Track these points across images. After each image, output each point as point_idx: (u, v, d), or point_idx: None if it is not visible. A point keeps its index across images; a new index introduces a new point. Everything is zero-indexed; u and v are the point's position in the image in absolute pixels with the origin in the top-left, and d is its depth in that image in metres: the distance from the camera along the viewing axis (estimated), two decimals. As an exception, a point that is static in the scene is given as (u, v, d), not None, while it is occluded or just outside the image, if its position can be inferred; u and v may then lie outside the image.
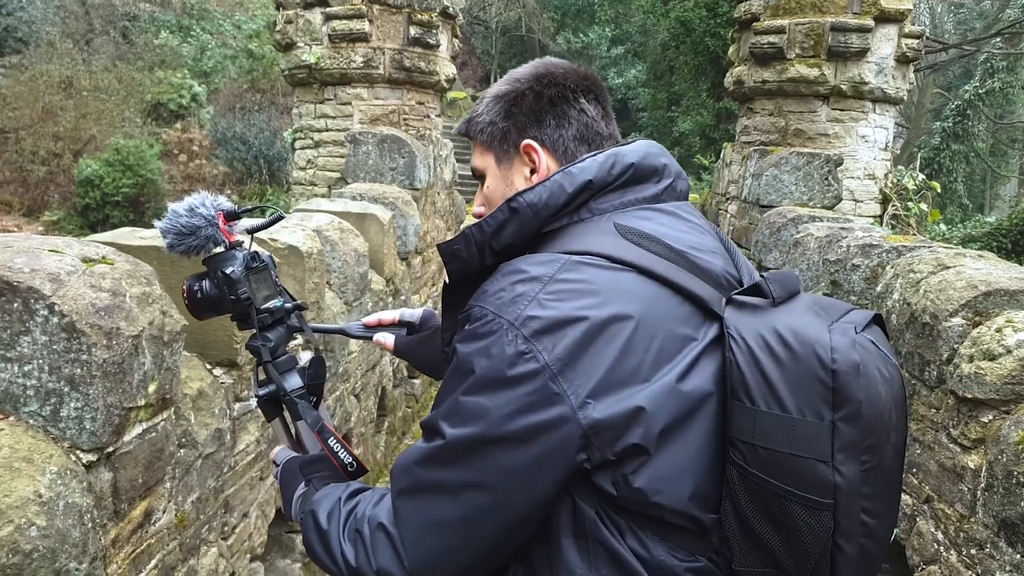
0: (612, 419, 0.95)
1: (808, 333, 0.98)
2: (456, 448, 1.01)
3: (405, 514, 1.06)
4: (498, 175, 1.26)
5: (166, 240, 1.42)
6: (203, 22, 25.93)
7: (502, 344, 0.98)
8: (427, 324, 1.60)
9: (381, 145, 6.16)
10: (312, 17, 6.59)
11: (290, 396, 1.45)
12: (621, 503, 0.99)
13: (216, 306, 1.47)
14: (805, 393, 0.95)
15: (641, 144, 1.21)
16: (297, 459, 1.41)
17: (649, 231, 1.11)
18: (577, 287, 1.01)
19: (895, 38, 6.41)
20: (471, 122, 1.30)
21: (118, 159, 17.58)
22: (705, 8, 17.67)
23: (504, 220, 1.12)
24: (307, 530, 1.21)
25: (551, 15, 35.18)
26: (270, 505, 3.14)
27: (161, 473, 2.17)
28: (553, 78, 1.24)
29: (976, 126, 24.05)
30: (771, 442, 0.95)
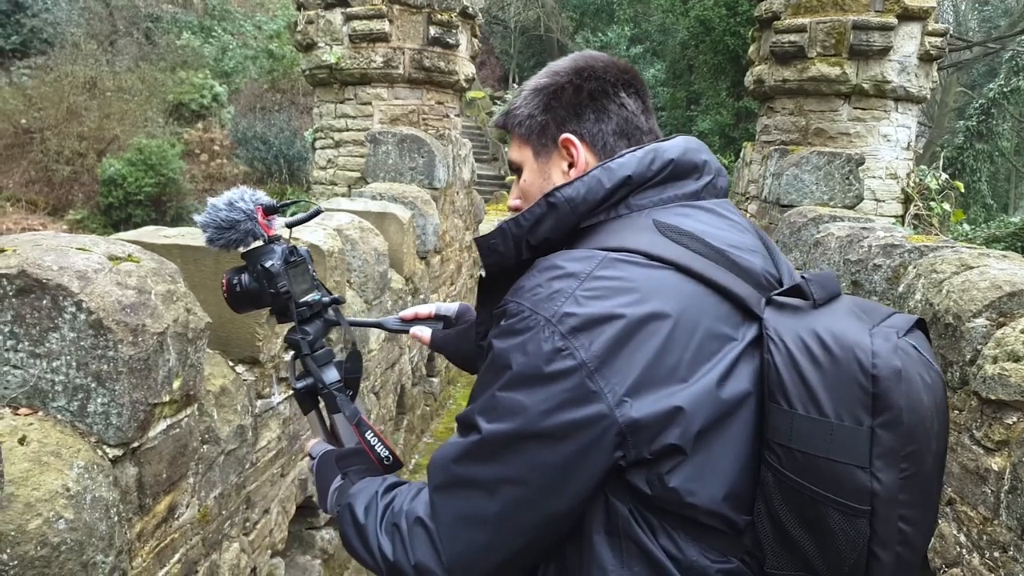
0: (650, 418, 0.95)
1: (849, 337, 0.97)
2: (492, 443, 1.01)
3: (442, 509, 1.06)
4: (535, 169, 1.25)
5: (206, 234, 1.44)
6: (224, 23, 26.17)
7: (539, 340, 0.98)
8: (463, 318, 1.61)
9: (401, 145, 6.19)
10: (332, 17, 6.63)
11: (328, 389, 1.46)
12: (655, 502, 0.98)
13: (255, 299, 1.48)
14: (844, 397, 0.94)
15: (681, 140, 1.20)
16: (333, 452, 1.42)
17: (689, 228, 1.09)
18: (614, 284, 1.00)
19: (918, 36, 6.35)
20: (509, 115, 1.28)
21: (140, 159, 17.79)
22: (725, 7, 17.59)
23: (541, 215, 1.11)
24: (344, 523, 1.22)
25: (570, 14, 35.13)
26: (291, 501, 3.17)
27: (185, 469, 2.19)
28: (593, 72, 1.23)
29: (1001, 125, 23.73)
30: (808, 446, 0.94)
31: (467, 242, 7.93)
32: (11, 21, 20.49)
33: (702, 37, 18.79)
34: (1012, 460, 2.31)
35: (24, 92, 19.25)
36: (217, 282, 2.61)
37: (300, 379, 1.50)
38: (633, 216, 1.12)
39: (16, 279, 1.74)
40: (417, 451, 5.47)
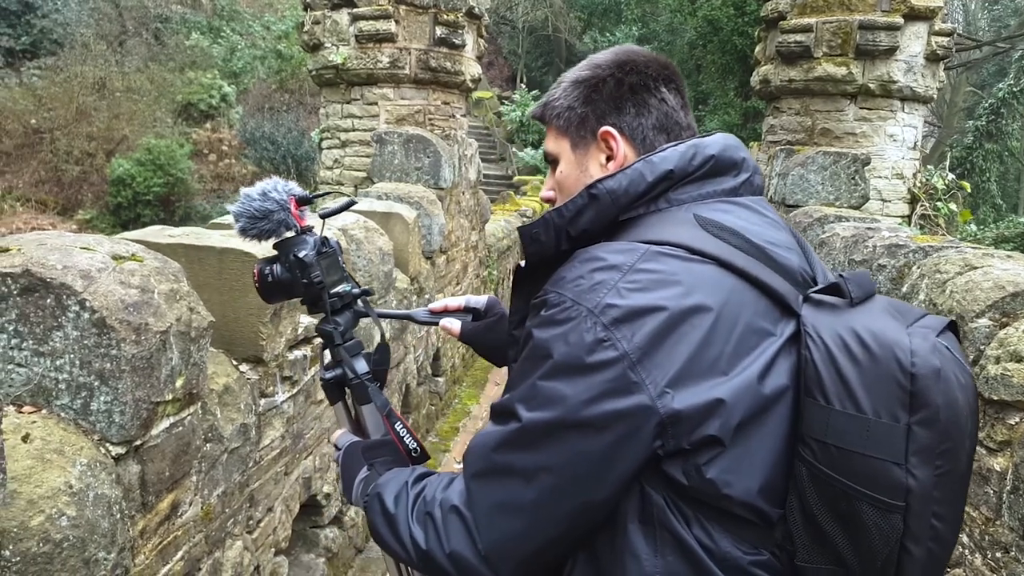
0: (691, 410, 0.96)
1: (888, 335, 0.98)
2: (532, 432, 1.02)
3: (478, 497, 1.07)
4: (573, 160, 1.25)
5: (239, 224, 1.45)
6: (233, 23, 26.27)
7: (581, 331, 0.99)
8: (492, 311, 1.61)
9: (407, 145, 6.21)
10: (339, 18, 6.65)
11: (360, 380, 1.47)
12: (691, 493, 0.99)
13: (287, 289, 1.49)
14: (881, 395, 0.95)
15: (720, 137, 1.21)
16: (359, 443, 1.43)
17: (729, 224, 1.10)
18: (657, 277, 1.01)
19: (925, 36, 6.32)
20: (547, 106, 1.28)
21: (149, 159, 17.89)
22: (733, 7, 17.54)
23: (583, 206, 1.12)
24: (372, 513, 1.22)
25: (578, 14, 35.12)
26: (295, 500, 3.18)
27: (188, 467, 2.21)
28: (635, 66, 1.23)
29: (1010, 125, 23.59)
30: (844, 441, 0.95)
31: (473, 242, 7.94)
32: (21, 22, 20.63)
33: (710, 37, 18.75)
34: (1014, 460, 2.31)
35: (34, 92, 19.38)
36: (221, 281, 2.65)
37: (329, 369, 1.51)
38: (673, 210, 1.12)
39: (20, 278, 1.76)
40: (422, 450, 5.49)
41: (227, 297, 2.65)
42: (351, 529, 3.92)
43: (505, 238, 10.49)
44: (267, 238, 1.46)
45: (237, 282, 2.65)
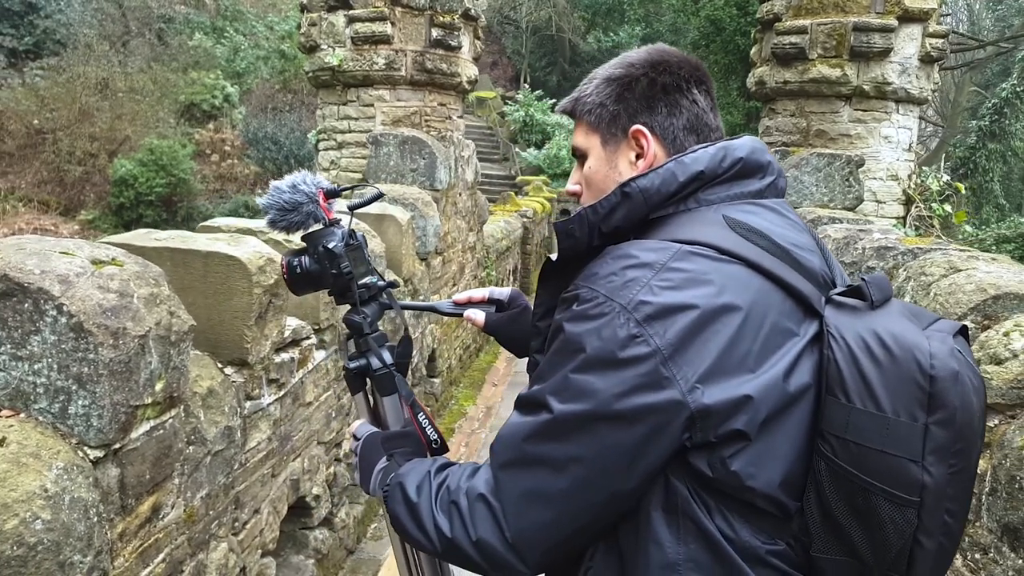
0: (720, 405, 0.99)
1: (908, 338, 1.02)
2: (564, 423, 1.04)
3: (507, 486, 1.09)
4: (602, 157, 1.27)
5: (268, 216, 1.47)
6: (236, 23, 26.33)
7: (614, 327, 1.02)
8: (515, 303, 1.63)
9: (402, 146, 6.22)
10: (335, 20, 6.67)
11: (388, 370, 1.50)
12: (714, 484, 1.03)
13: (316, 281, 1.50)
14: (901, 395, 0.99)
15: (748, 139, 1.23)
16: (379, 434, 1.45)
17: (756, 226, 1.13)
18: (689, 276, 1.04)
19: (919, 38, 6.32)
20: (578, 101, 1.30)
21: (152, 159, 17.94)
22: (735, 7, 17.52)
23: (616, 204, 1.14)
24: (394, 503, 1.24)
25: (581, 14, 35.11)
26: (282, 502, 3.20)
27: (169, 469, 2.23)
28: (668, 66, 1.24)
29: (1013, 124, 23.51)
30: (864, 438, 0.99)
31: (470, 243, 7.95)
32: (24, 22, 20.71)
33: (713, 37, 18.74)
34: (993, 463, 2.31)
35: (37, 93, 19.46)
36: (206, 284, 2.67)
37: (353, 359, 1.53)
38: (702, 210, 1.15)
39: (-2, 283, 1.77)
40: (416, 451, 5.50)
41: (212, 300, 2.67)
42: (342, 530, 3.94)
43: (504, 239, 10.49)
44: (295, 230, 1.48)
45: (222, 285, 2.66)
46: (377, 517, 4.54)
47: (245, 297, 2.67)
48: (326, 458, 3.70)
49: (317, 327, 3.46)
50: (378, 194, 1.65)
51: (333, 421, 3.75)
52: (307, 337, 3.35)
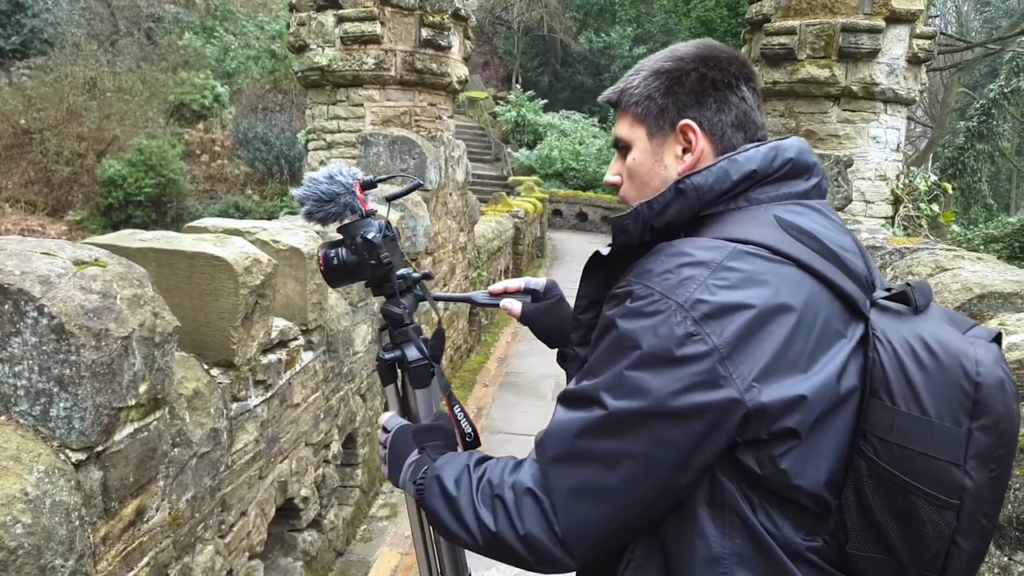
0: (775, 404, 1.00)
1: (954, 345, 1.04)
2: (618, 420, 1.05)
3: (557, 481, 1.09)
4: (648, 150, 1.26)
5: (305, 207, 1.47)
6: (226, 23, 26.23)
7: (671, 324, 1.02)
8: (550, 293, 1.62)
9: (392, 147, 6.20)
10: (324, 19, 6.64)
11: (428, 361, 1.50)
12: (761, 482, 1.04)
13: (354, 272, 1.50)
14: (946, 400, 1.01)
15: (796, 140, 1.23)
16: (409, 426, 1.45)
17: (805, 227, 1.13)
18: (744, 276, 1.04)
19: (906, 39, 6.35)
20: (624, 92, 1.29)
21: (141, 159, 17.85)
22: (726, 8, 17.60)
23: (670, 200, 1.15)
24: (430, 496, 1.24)
25: (573, 15, 35.16)
26: (270, 504, 3.18)
27: (154, 472, 2.21)
28: (718, 61, 1.24)
29: (1001, 125, 23.70)
30: (907, 441, 1.01)
31: (461, 243, 7.93)
32: (11, 21, 20.56)
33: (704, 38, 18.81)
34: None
35: (24, 92, 19.32)
36: (192, 285, 2.65)
37: (388, 351, 1.53)
38: (752, 209, 1.15)
39: (-23, 284, 1.75)
40: (406, 452, 5.48)
41: (198, 301, 2.65)
42: (331, 532, 3.92)
43: (495, 239, 10.47)
44: (332, 221, 1.48)
45: (208, 286, 2.64)
46: (367, 519, 4.52)
47: (231, 298, 2.65)
48: (314, 460, 3.69)
49: (305, 328, 3.45)
50: (416, 183, 1.66)
51: (321, 423, 3.74)
52: (295, 338, 3.33)
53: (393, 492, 4.87)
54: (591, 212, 22.67)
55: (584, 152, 25.50)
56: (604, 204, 22.65)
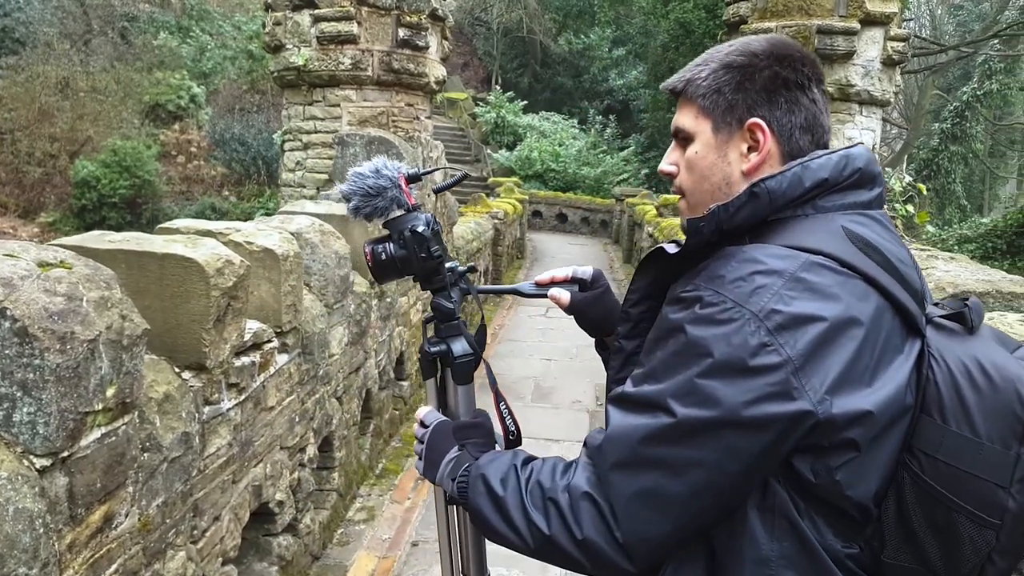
0: (843, 416, 1.00)
1: (1011, 370, 1.05)
2: (688, 428, 1.04)
3: (620, 487, 1.08)
4: (712, 144, 1.23)
5: (351, 202, 1.45)
6: (203, 23, 25.99)
7: (744, 334, 1.01)
8: (598, 283, 1.60)
9: (369, 147, 6.16)
10: (300, 19, 6.59)
11: (473, 357, 1.49)
12: (813, 489, 1.05)
13: (403, 266, 1.48)
14: (998, 423, 1.02)
15: (863, 149, 1.22)
16: (449, 423, 1.44)
17: (870, 239, 1.13)
18: (816, 287, 1.04)
19: (881, 41, 6.41)
20: (690, 82, 1.25)
21: (115, 160, 17.63)
22: (704, 10, 17.71)
23: (744, 203, 1.13)
24: (475, 495, 1.23)
25: (552, 16, 35.19)
26: (244, 508, 3.14)
27: (122, 477, 2.16)
28: (792, 61, 1.22)
29: (974, 127, 24.05)
30: (955, 460, 1.02)
31: (439, 244, 7.90)
32: (-17, 21, 20.24)
33: (682, 39, 18.91)
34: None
35: (-4, 92, 19.02)
36: (162, 287, 2.60)
37: (434, 344, 1.51)
38: (819, 218, 1.14)
39: (-64, 287, 1.71)
40: (385, 455, 5.44)
41: (168, 303, 2.61)
42: (306, 536, 3.88)
43: (475, 240, 10.45)
44: (379, 216, 1.46)
45: (179, 288, 2.60)
46: (344, 523, 4.48)
47: (203, 300, 2.61)
48: (290, 463, 3.64)
49: (279, 330, 3.41)
50: (463, 175, 1.66)
51: (297, 426, 3.69)
52: (269, 340, 3.29)
53: (370, 495, 4.83)
54: (571, 213, 22.69)
55: (564, 153, 25.52)
56: (584, 205, 22.69)
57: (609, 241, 20.91)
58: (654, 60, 24.33)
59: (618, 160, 26.34)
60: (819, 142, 1.23)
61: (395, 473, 5.19)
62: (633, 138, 28.44)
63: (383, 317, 5.39)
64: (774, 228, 1.14)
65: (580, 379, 7.61)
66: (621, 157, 26.70)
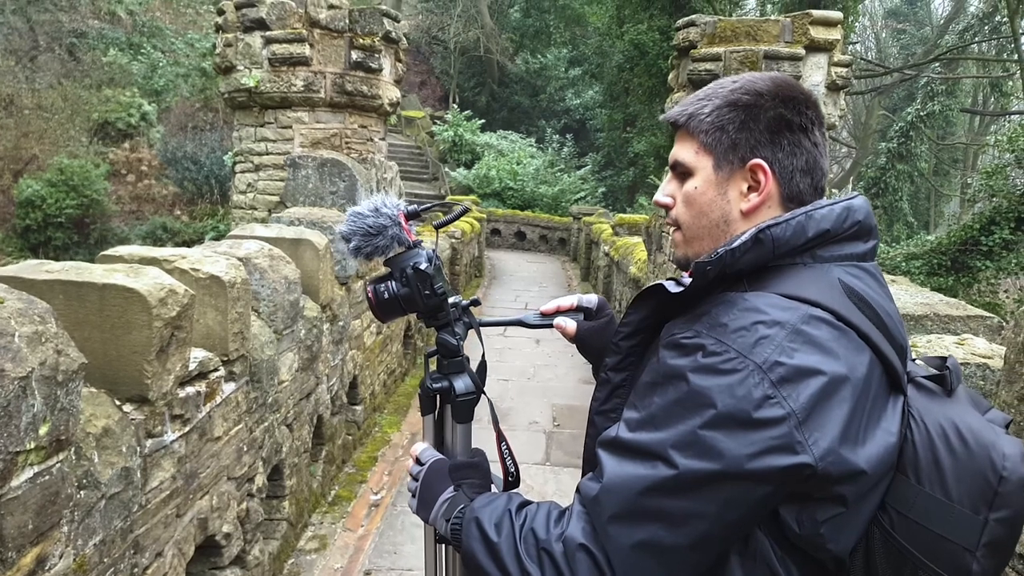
0: (839, 473, 1.01)
1: (985, 436, 1.08)
2: (690, 480, 1.02)
3: (619, 538, 1.06)
4: (712, 181, 1.23)
5: (352, 243, 1.43)
6: (155, 39, 25.61)
7: (748, 386, 1.00)
8: (602, 312, 1.58)
9: (321, 169, 6.12)
10: (252, 41, 6.53)
11: (476, 396, 1.47)
12: (794, 539, 1.05)
13: (407, 305, 1.46)
14: (969, 487, 1.04)
15: (862, 201, 1.23)
16: (446, 462, 1.41)
17: (863, 294, 1.14)
18: (816, 340, 1.04)
19: (825, 66, 6.58)
20: (693, 117, 1.24)
21: (61, 179, 17.22)
22: (658, 31, 18.00)
23: (749, 248, 1.13)
24: (469, 539, 1.21)
25: (509, 36, 35.48)
26: (188, 543, 3.06)
27: (57, 517, 2.09)
28: (796, 103, 1.22)
29: (919, 147, 24.80)
30: (926, 520, 1.05)
31: (395, 266, 7.85)
32: (-76, 36, 19.69)
33: (637, 60, 19.18)
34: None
35: (-63, 110, 18.48)
36: (103, 318, 2.54)
37: (436, 380, 1.49)
38: (817, 268, 1.14)
39: None
40: (338, 482, 5.36)
41: (109, 335, 2.54)
42: (255, 568, 3.79)
43: (430, 260, 10.40)
44: (380, 255, 1.44)
45: (120, 319, 2.54)
46: (295, 552, 4.39)
47: (145, 331, 2.55)
48: (238, 494, 3.57)
49: (226, 359, 3.34)
50: (464, 209, 1.63)
51: (245, 455, 3.62)
52: (215, 369, 3.23)
53: (323, 524, 4.75)
54: (529, 231, 22.79)
55: (522, 172, 25.66)
56: (542, 223, 22.81)
57: (567, 259, 21.03)
58: (610, 80, 24.66)
59: (575, 179, 26.58)
60: (817, 185, 1.23)
61: (348, 500, 5.11)
62: (590, 157, 28.74)
63: (335, 341, 5.33)
64: (772, 275, 1.14)
65: (537, 399, 7.61)
66: (578, 176, 26.96)
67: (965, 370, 2.64)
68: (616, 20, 21.31)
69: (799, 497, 1.03)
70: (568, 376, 8.41)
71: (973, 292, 13.51)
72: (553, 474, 5.76)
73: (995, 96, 25.83)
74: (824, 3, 15.43)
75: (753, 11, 22.14)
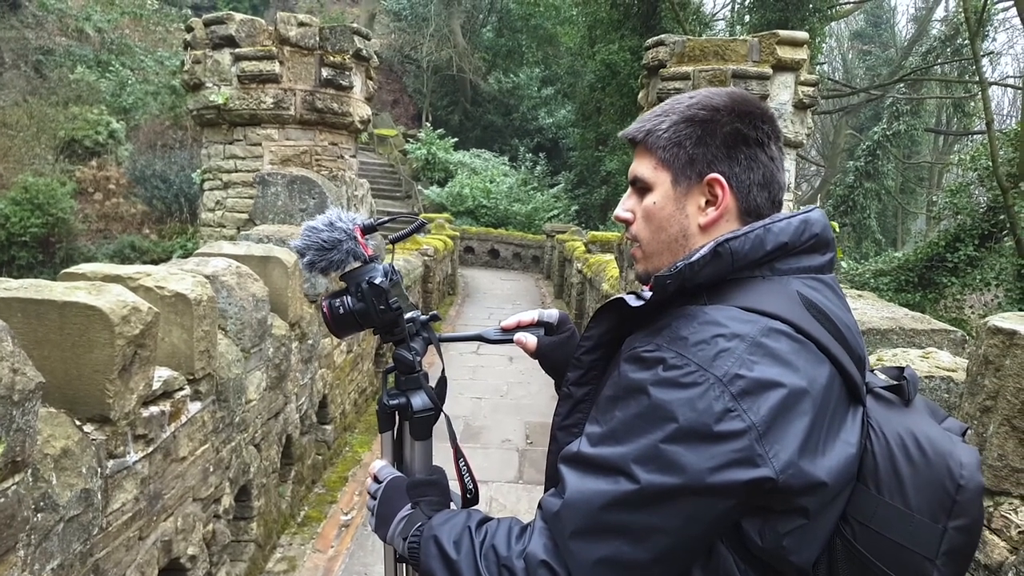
0: (800, 485, 1.01)
1: (943, 445, 1.09)
2: (651, 494, 1.02)
3: (581, 555, 1.05)
4: (670, 196, 1.23)
5: (305, 257, 1.42)
6: (123, 57, 25.39)
7: (709, 399, 1.00)
8: (563, 327, 1.57)
9: (291, 186, 6.08)
10: (221, 57, 6.50)
11: (433, 412, 1.46)
12: (757, 552, 1.05)
13: (362, 320, 1.45)
14: (928, 497, 1.06)
15: (819, 214, 1.23)
16: (404, 479, 1.40)
17: (822, 306, 1.14)
18: (775, 353, 1.04)
19: (792, 85, 6.70)
20: (650, 133, 1.24)
21: (26, 197, 16.94)
22: (629, 51, 18.18)
23: (708, 262, 1.13)
24: (428, 557, 1.19)
25: (482, 55, 35.68)
26: (151, 566, 2.99)
27: (12, 541, 2.03)
28: (752, 118, 1.22)
29: (886, 165, 25.29)
30: (887, 530, 1.06)
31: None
32: None
33: (608, 80, 19.35)
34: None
35: (-102, 127, 18.13)
36: (63, 337, 2.49)
37: (393, 397, 1.48)
38: (776, 281, 1.15)
39: None
40: (307, 502, 5.28)
41: (69, 354, 2.49)
42: (222, 592, 3.71)
43: (404, 277, 10.37)
44: (335, 269, 1.43)
45: (81, 337, 2.49)
46: (263, 574, 4.31)
47: (106, 349, 2.50)
48: (203, 515, 3.50)
49: (192, 377, 3.29)
50: (420, 223, 1.62)
51: (211, 476, 3.56)
52: (180, 388, 3.17)
53: (292, 544, 4.68)
54: (503, 249, 22.82)
55: (495, 190, 25.73)
56: (516, 241, 22.86)
57: (541, 276, 21.07)
58: (582, 99, 24.85)
59: (548, 197, 26.70)
60: (775, 199, 1.24)
61: (318, 521, 5.04)
62: (563, 175, 28.89)
63: (305, 360, 5.27)
64: (731, 288, 1.14)
65: (510, 417, 7.58)
66: (551, 194, 27.08)
67: (930, 383, 2.67)
68: (588, 40, 21.53)
69: (761, 510, 1.03)
70: (541, 394, 8.39)
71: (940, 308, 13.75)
72: (526, 492, 5.73)
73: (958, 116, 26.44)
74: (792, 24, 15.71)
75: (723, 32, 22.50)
